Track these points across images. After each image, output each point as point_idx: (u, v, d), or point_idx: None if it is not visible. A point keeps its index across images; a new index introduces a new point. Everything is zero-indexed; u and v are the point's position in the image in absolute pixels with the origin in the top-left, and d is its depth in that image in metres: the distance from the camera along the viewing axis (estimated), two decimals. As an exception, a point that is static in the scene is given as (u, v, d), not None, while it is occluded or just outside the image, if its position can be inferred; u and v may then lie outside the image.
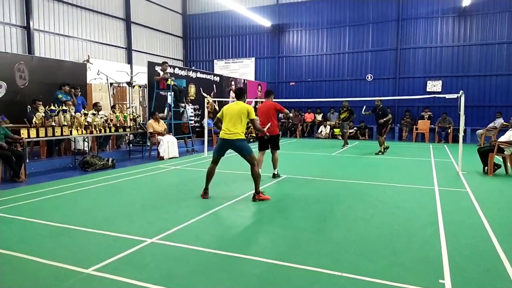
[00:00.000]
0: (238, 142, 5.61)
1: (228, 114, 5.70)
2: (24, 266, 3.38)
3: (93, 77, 13.14)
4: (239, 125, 5.61)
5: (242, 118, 5.62)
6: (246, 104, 5.77)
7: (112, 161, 8.98)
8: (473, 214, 5.05)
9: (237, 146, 5.65)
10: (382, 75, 17.85)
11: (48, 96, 9.77)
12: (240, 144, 5.63)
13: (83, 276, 3.15)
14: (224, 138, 5.68)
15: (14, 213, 4.99)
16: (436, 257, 3.55)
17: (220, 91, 16.20)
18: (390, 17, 17.51)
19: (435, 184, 7.01)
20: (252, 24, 20.00)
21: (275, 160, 7.50)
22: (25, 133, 7.73)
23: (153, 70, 12.05)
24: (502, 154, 8.10)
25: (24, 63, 10.03)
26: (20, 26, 13.12)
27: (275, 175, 7.54)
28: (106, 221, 4.72)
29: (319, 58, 19.05)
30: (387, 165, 9.57)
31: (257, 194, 5.70)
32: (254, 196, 5.70)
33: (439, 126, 16.03)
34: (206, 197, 5.82)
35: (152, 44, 19.38)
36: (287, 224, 4.66)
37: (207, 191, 5.90)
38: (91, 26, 15.81)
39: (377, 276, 3.14)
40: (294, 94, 19.49)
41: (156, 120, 11.02)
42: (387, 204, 5.59)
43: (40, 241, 4.01)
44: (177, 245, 3.88)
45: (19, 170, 7.27)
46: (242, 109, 5.65)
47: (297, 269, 3.31)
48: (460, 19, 16.45)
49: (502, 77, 15.94)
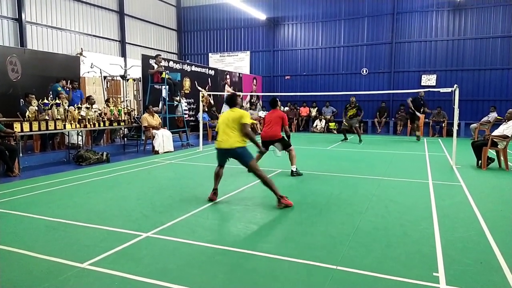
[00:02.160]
0: (237, 150, 5.17)
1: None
2: (18, 260, 3.37)
3: (87, 71, 13.01)
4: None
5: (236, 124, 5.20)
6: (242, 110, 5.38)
7: (106, 155, 8.94)
8: (467, 207, 5.10)
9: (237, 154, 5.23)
10: (377, 69, 17.87)
11: (41, 89, 9.68)
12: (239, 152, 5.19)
13: (78, 270, 3.14)
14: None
15: (8, 208, 4.96)
16: (430, 250, 3.58)
17: (215, 84, 16.14)
18: (385, 10, 17.49)
19: (429, 178, 7.05)
20: (247, 17, 19.89)
21: (292, 157, 7.43)
22: (18, 127, 7.65)
23: (147, 63, 11.96)
24: (496, 148, 8.15)
25: (17, 56, 9.91)
26: (11, 18, 12.94)
27: (293, 172, 7.36)
28: (101, 215, 4.71)
29: (314, 51, 19.01)
30: (381, 159, 9.61)
31: (280, 198, 5.07)
32: (279, 200, 5.07)
33: (434, 120, 16.10)
34: (215, 199, 5.38)
35: (146, 37, 19.22)
36: (281, 218, 4.68)
37: (216, 191, 5.46)
38: (84, 18, 15.63)
39: (372, 269, 3.16)
40: (289, 88, 19.46)
41: (151, 114, 10.96)
42: (381, 197, 5.62)
43: (34, 236, 3.99)
44: (172, 239, 3.87)
45: (12, 164, 7.20)
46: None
47: (292, 262, 3.32)
48: (455, 13, 16.47)
49: (496, 71, 16.02)
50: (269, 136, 7.41)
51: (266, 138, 7.44)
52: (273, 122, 7.40)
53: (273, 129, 7.37)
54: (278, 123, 7.40)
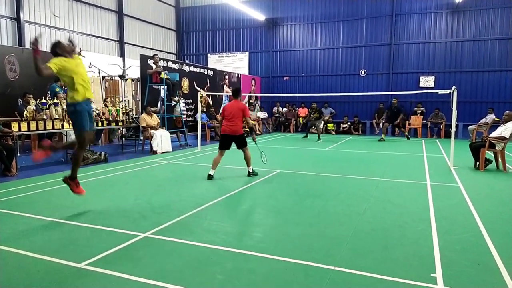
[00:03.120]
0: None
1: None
2: (15, 260, 3.35)
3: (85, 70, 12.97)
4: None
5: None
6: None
7: (104, 155, 8.92)
8: (465, 209, 5.10)
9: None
10: (375, 70, 17.89)
11: (39, 89, 9.64)
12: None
13: (75, 270, 3.13)
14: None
15: (5, 207, 4.94)
16: (427, 252, 3.58)
17: (213, 85, 16.13)
18: (384, 12, 17.52)
19: (427, 179, 7.07)
20: (246, 18, 19.89)
21: (247, 158, 7.15)
22: (16, 126, 7.63)
23: (146, 63, 11.94)
24: (494, 149, 8.18)
25: (15, 55, 9.88)
26: (10, 17, 12.91)
27: (249, 173, 7.17)
28: (99, 215, 4.70)
29: (313, 52, 19.02)
30: (379, 160, 9.62)
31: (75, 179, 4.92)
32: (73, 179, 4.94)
33: (432, 121, 16.13)
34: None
35: (144, 37, 19.19)
36: (280, 219, 4.67)
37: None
38: (82, 18, 15.60)
39: (369, 270, 3.16)
40: (288, 89, 19.46)
41: (149, 114, 10.94)
42: (379, 198, 5.62)
43: (32, 236, 3.97)
44: (170, 239, 3.87)
45: (10, 164, 7.18)
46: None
47: (290, 262, 3.32)
48: (454, 15, 16.52)
49: (494, 73, 16.06)
50: (231, 131, 6.93)
51: (227, 133, 6.97)
52: (235, 116, 6.88)
53: (235, 123, 6.89)
54: (239, 117, 6.89)
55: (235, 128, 6.94)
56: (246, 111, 7.04)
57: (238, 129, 6.98)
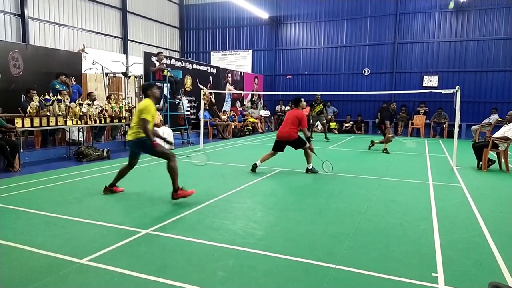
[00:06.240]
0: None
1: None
2: (18, 255, 3.37)
3: (89, 67, 13.02)
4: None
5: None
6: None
7: (107, 152, 8.94)
8: (467, 208, 5.09)
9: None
10: (379, 69, 17.85)
11: (43, 85, 9.68)
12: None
13: (78, 266, 3.15)
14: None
15: (8, 203, 4.96)
16: (429, 251, 3.58)
17: (216, 83, 16.13)
18: (388, 11, 17.47)
19: (429, 179, 7.05)
20: (250, 16, 19.87)
21: (307, 156, 7.47)
22: (19, 122, 7.65)
23: (149, 61, 11.96)
24: (497, 149, 8.14)
25: (19, 52, 9.92)
26: (14, 14, 12.95)
27: (308, 169, 7.48)
28: (101, 211, 4.71)
29: (316, 51, 18.99)
30: (382, 159, 9.60)
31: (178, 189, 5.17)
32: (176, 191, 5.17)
33: (435, 121, 16.09)
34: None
35: (148, 34, 19.22)
36: (281, 216, 4.68)
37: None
38: (86, 15, 15.64)
39: (371, 268, 3.17)
40: (291, 87, 19.45)
41: (152, 111, 10.93)
42: (381, 198, 5.61)
43: (34, 231, 3.99)
44: (172, 236, 3.88)
45: (13, 159, 7.21)
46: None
47: (291, 260, 3.32)
48: (458, 14, 16.45)
49: (498, 73, 16.00)
50: (283, 136, 7.37)
51: (280, 138, 7.43)
52: (289, 122, 7.34)
53: (287, 129, 7.32)
54: (294, 123, 7.30)
55: (287, 134, 7.34)
56: (303, 122, 7.36)
57: (291, 134, 7.33)
